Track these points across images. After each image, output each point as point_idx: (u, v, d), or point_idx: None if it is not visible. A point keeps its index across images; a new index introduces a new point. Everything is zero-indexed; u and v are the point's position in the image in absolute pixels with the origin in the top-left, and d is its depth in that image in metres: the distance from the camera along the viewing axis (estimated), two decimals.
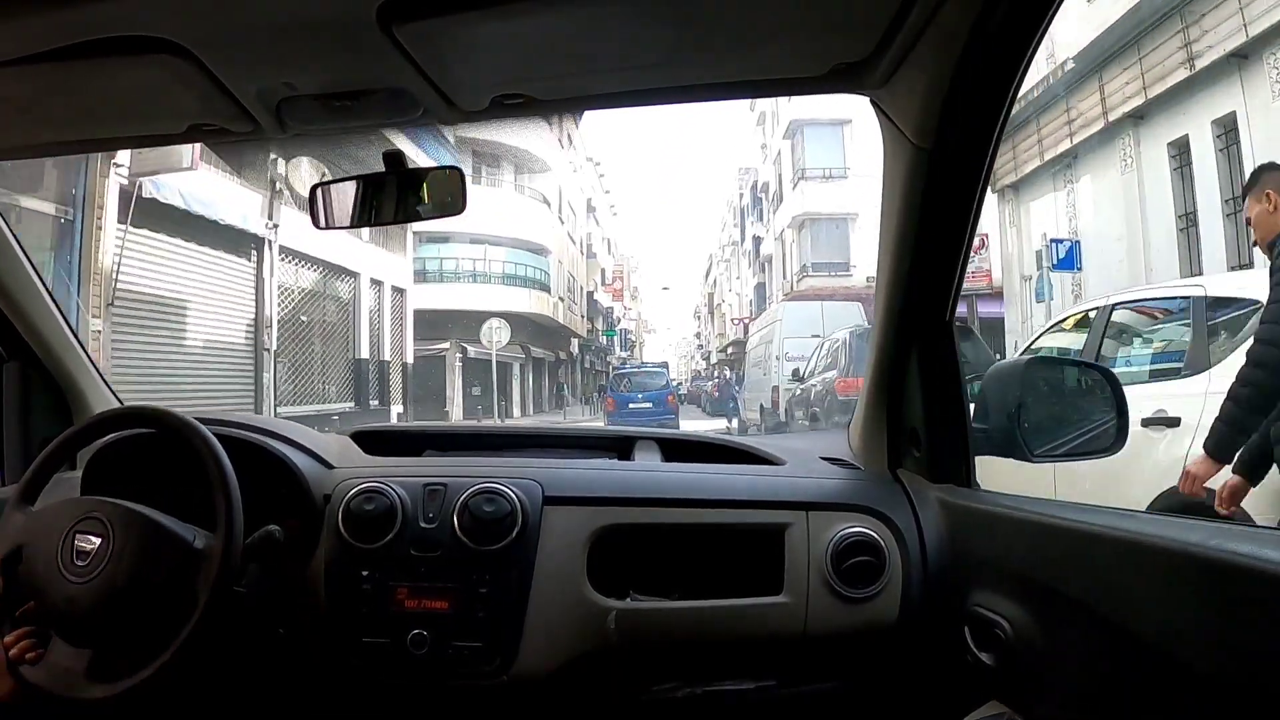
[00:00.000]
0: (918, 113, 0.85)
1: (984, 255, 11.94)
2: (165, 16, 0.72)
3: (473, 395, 17.99)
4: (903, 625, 1.02)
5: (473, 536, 1.04)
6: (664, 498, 1.09)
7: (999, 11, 0.71)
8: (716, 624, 1.04)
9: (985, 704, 0.92)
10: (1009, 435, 1.09)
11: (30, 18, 0.70)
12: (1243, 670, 0.58)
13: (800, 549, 1.05)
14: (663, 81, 0.90)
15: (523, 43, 0.79)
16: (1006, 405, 1.10)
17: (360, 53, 0.78)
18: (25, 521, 0.95)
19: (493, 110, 0.92)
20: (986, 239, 11.99)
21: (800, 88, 0.93)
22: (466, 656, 1.02)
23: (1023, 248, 11.24)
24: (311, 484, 1.09)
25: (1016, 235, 11.42)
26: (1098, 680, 0.74)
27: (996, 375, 1.14)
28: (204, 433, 0.96)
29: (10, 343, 1.26)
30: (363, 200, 1.06)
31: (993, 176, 0.94)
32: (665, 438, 1.36)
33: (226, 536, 0.91)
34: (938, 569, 1.02)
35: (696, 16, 0.76)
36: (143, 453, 1.10)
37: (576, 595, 1.04)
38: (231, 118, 0.91)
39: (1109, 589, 0.73)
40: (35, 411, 1.29)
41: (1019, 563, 0.88)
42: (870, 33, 0.77)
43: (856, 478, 1.16)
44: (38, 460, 1.00)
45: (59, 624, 0.91)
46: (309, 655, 1.06)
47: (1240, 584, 0.59)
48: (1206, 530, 0.66)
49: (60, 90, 0.86)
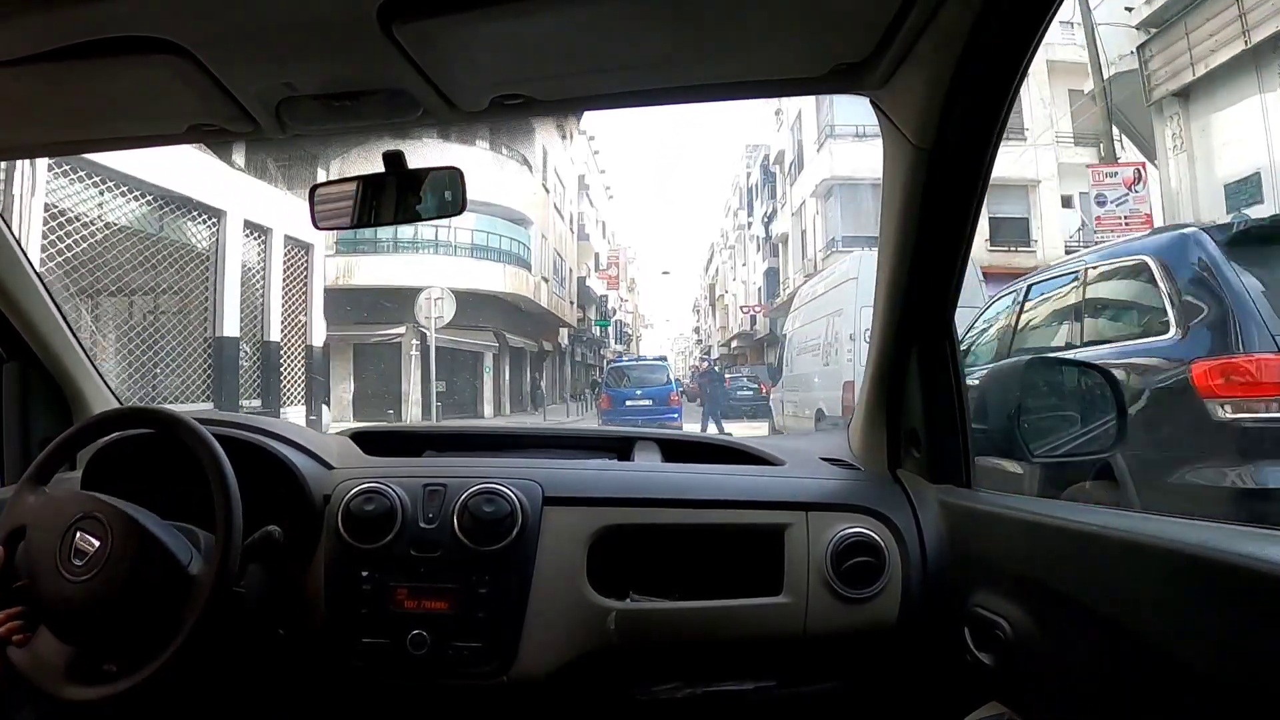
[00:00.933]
0: (918, 113, 0.85)
1: (1139, 191, 8.98)
2: (165, 16, 0.72)
3: (436, 391, 14.98)
4: (903, 625, 1.02)
5: (472, 537, 1.04)
6: (664, 498, 1.09)
7: (999, 11, 0.71)
8: (716, 624, 1.04)
9: (985, 704, 0.92)
10: (1009, 435, 1.09)
11: (30, 18, 0.70)
12: (1243, 670, 0.58)
13: (800, 549, 1.05)
14: (663, 82, 0.90)
15: (523, 43, 0.79)
16: (1006, 405, 1.10)
17: (360, 53, 0.78)
18: (35, 502, 0.95)
19: (493, 110, 0.92)
20: (1144, 171, 9.08)
21: (800, 88, 0.93)
22: (466, 657, 1.02)
23: (1196, 180, 8.03)
24: (311, 484, 1.09)
25: (1188, 163, 8.20)
26: (1097, 680, 0.74)
27: (996, 375, 1.14)
28: (203, 433, 0.97)
29: (10, 343, 1.26)
30: (362, 200, 1.06)
31: (1149, 84, 0.86)
32: (665, 438, 1.36)
33: (226, 537, 0.91)
34: (937, 569, 1.02)
35: (696, 17, 0.76)
36: (143, 453, 1.10)
37: (576, 596, 1.04)
38: (231, 118, 0.91)
39: (1109, 589, 0.73)
40: (35, 411, 1.29)
41: (1019, 563, 0.88)
42: (870, 33, 0.77)
43: (856, 478, 1.16)
44: (51, 446, 1.01)
45: (49, 617, 0.91)
46: (309, 656, 1.06)
47: (1240, 584, 0.59)
48: (1206, 530, 0.66)
49: (60, 90, 0.86)
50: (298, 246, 9.50)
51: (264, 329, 8.90)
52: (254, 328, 8.78)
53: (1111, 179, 9.23)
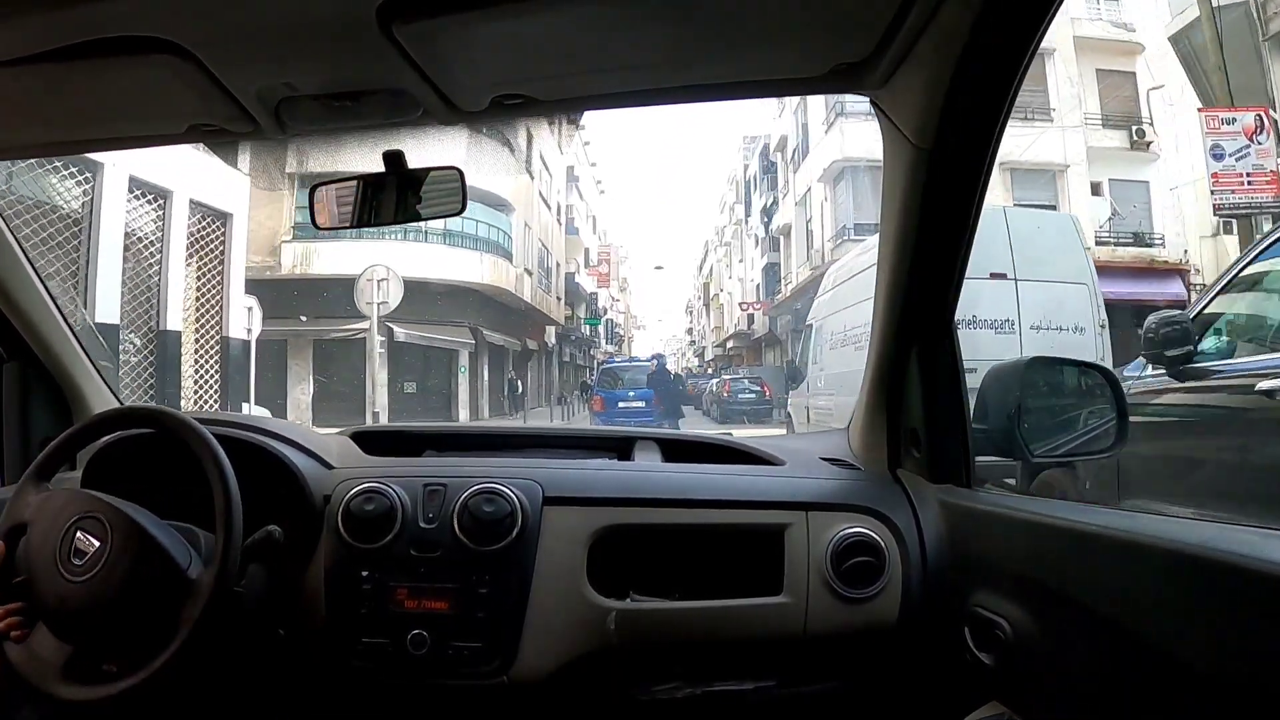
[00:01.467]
0: (918, 113, 0.85)
1: (1262, 142, 7.47)
2: (165, 16, 0.72)
3: (404, 393, 13.96)
4: (903, 625, 1.02)
5: (472, 537, 1.04)
6: (664, 498, 1.09)
7: (999, 11, 0.71)
8: (716, 624, 1.04)
9: (985, 704, 0.92)
10: (1009, 435, 1.09)
11: (30, 18, 0.70)
12: (1243, 670, 0.58)
13: (800, 549, 1.05)
14: (663, 82, 0.90)
15: (523, 43, 0.79)
16: (1006, 405, 1.10)
17: (360, 53, 0.78)
18: (37, 499, 0.95)
19: (493, 110, 0.92)
20: (1267, 118, 7.64)
21: (800, 88, 0.93)
22: (466, 657, 1.02)
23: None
24: (311, 484, 1.09)
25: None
26: (1097, 680, 0.74)
27: (996, 375, 1.14)
28: (203, 433, 0.96)
29: (10, 343, 1.26)
30: (362, 200, 1.06)
31: (1264, 14, 0.80)
32: (665, 438, 1.36)
33: (226, 537, 0.91)
34: (937, 569, 1.02)
35: (696, 17, 0.76)
36: (143, 453, 1.10)
37: (576, 596, 1.04)
38: (231, 118, 0.91)
39: (1109, 589, 0.73)
40: (35, 411, 1.29)
41: (1019, 563, 0.88)
42: (870, 33, 0.77)
43: (856, 478, 1.16)
44: (52, 445, 1.01)
45: (47, 615, 0.91)
46: (309, 655, 1.06)
47: (1240, 584, 0.59)
48: (1206, 530, 0.66)
49: (60, 90, 0.86)
50: (210, 215, 7.54)
51: (159, 315, 7.02)
52: (144, 313, 6.91)
53: (1229, 126, 7.72)
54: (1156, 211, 13.21)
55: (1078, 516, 0.81)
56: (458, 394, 15.81)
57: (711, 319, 40.83)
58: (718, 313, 38.40)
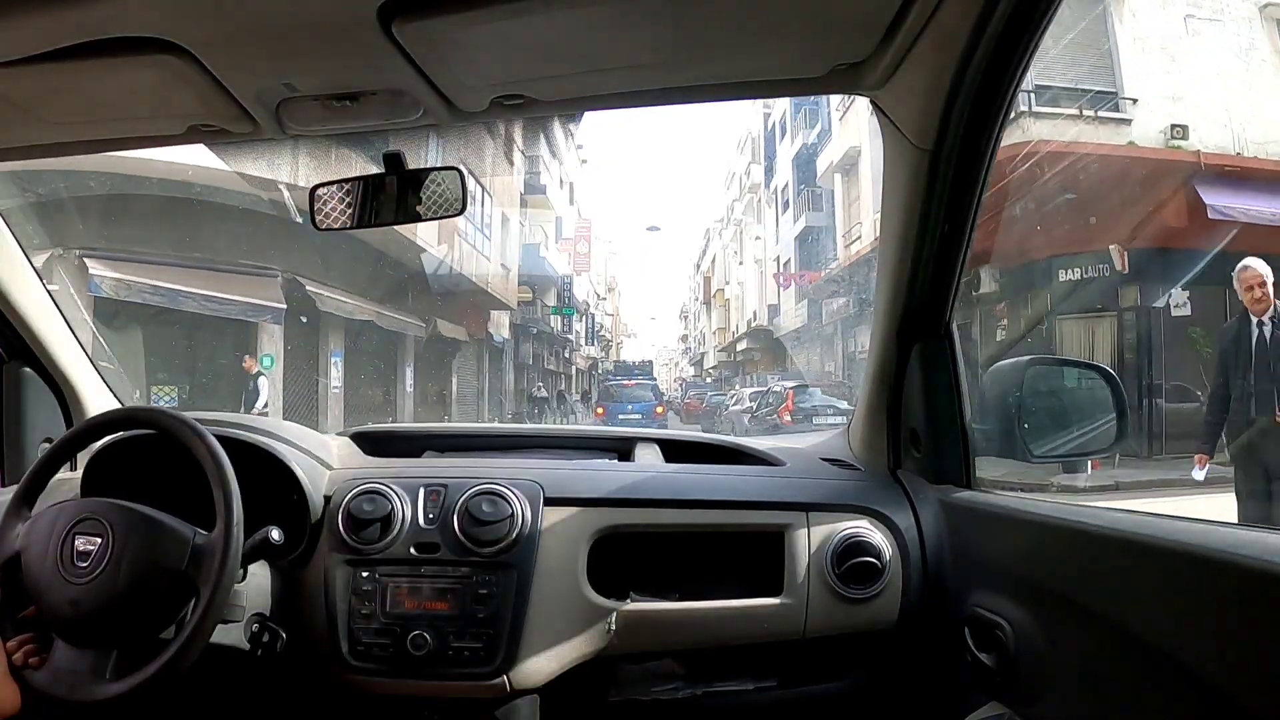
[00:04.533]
0: (918, 113, 0.85)
1: None
2: (165, 16, 0.72)
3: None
4: (903, 626, 1.02)
5: (473, 538, 1.04)
6: (664, 499, 1.09)
7: (999, 11, 0.71)
8: (717, 625, 1.04)
9: (985, 705, 0.92)
10: (1009, 436, 1.09)
11: (30, 18, 0.70)
12: (1243, 670, 0.58)
13: (800, 550, 1.05)
14: (663, 82, 0.90)
15: (523, 43, 0.79)
16: (1006, 406, 1.10)
17: (360, 53, 0.78)
18: (23, 527, 0.94)
19: (492, 111, 0.93)
20: None
21: (800, 88, 0.93)
22: (466, 657, 1.02)
23: None
24: (311, 485, 1.09)
25: None
26: (1097, 680, 0.74)
27: (996, 375, 1.14)
28: (203, 433, 0.96)
29: (10, 343, 1.26)
30: (363, 201, 1.06)
31: None
32: (665, 439, 1.36)
33: (226, 534, 0.91)
34: (938, 570, 1.02)
35: (696, 17, 0.76)
36: (142, 454, 1.10)
37: (576, 596, 1.04)
38: (231, 118, 0.91)
39: (1109, 589, 0.73)
40: (35, 411, 1.29)
41: (1019, 563, 0.88)
42: (870, 33, 0.77)
43: (856, 479, 1.16)
44: (36, 465, 1.00)
45: (62, 627, 0.90)
46: (309, 656, 1.06)
47: (1240, 584, 0.59)
48: (1207, 530, 0.66)
49: (60, 90, 0.86)
50: None
51: None
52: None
53: None
54: None
55: (1078, 517, 0.81)
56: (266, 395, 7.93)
57: (714, 319, 35.33)
58: (721, 311, 33.09)
